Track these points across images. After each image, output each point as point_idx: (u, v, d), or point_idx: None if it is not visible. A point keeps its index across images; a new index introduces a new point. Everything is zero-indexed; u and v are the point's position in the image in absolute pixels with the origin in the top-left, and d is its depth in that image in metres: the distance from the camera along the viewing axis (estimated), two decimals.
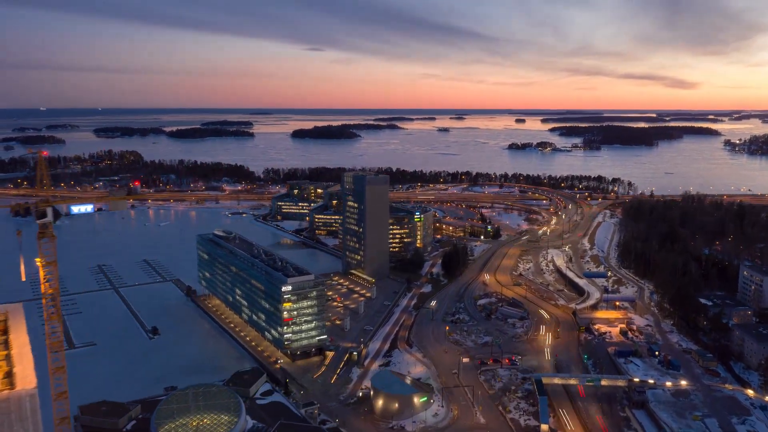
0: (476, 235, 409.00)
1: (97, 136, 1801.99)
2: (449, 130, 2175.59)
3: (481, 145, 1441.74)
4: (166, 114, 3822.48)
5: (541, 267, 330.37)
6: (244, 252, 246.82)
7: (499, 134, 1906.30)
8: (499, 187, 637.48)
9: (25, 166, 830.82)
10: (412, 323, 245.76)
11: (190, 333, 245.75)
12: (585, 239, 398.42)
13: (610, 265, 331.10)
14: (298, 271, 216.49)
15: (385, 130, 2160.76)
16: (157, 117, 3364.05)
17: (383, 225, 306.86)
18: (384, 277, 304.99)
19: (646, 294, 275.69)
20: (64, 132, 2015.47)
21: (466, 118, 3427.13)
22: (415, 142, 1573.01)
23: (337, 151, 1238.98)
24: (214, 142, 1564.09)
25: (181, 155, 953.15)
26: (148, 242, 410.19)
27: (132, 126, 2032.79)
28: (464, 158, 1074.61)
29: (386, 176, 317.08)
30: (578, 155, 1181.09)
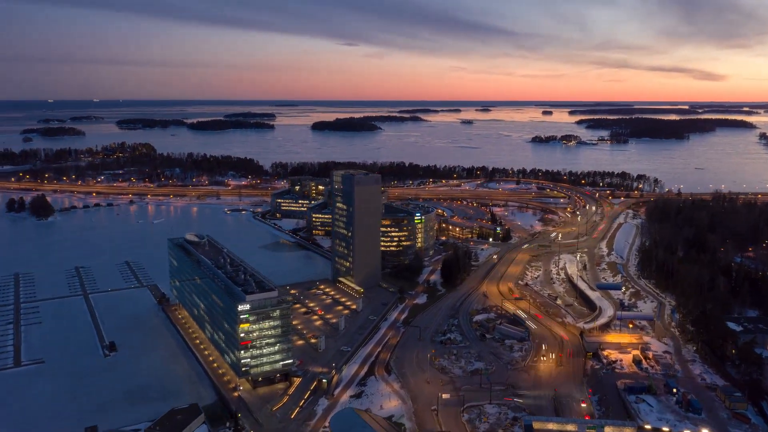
0: (485, 237, 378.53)
1: (119, 127, 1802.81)
2: (473, 122, 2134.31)
3: (504, 138, 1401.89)
4: (191, 106, 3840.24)
5: (551, 276, 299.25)
6: (210, 261, 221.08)
7: (523, 127, 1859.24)
8: (515, 184, 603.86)
9: (35, 158, 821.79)
10: (397, 343, 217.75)
11: (151, 350, 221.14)
12: (603, 243, 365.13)
13: (628, 275, 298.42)
14: (260, 286, 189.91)
15: (407, 123, 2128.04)
16: (182, 108, 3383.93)
17: (374, 229, 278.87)
18: (375, 286, 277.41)
19: (667, 311, 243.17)
20: (88, 124, 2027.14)
21: (492, 110, 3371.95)
22: (437, 134, 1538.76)
23: (354, 144, 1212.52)
24: (234, 134, 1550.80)
25: (195, 148, 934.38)
26: (136, 242, 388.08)
27: (155, 118, 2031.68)
28: (484, 152, 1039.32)
29: (378, 175, 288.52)
30: (604, 149, 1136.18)
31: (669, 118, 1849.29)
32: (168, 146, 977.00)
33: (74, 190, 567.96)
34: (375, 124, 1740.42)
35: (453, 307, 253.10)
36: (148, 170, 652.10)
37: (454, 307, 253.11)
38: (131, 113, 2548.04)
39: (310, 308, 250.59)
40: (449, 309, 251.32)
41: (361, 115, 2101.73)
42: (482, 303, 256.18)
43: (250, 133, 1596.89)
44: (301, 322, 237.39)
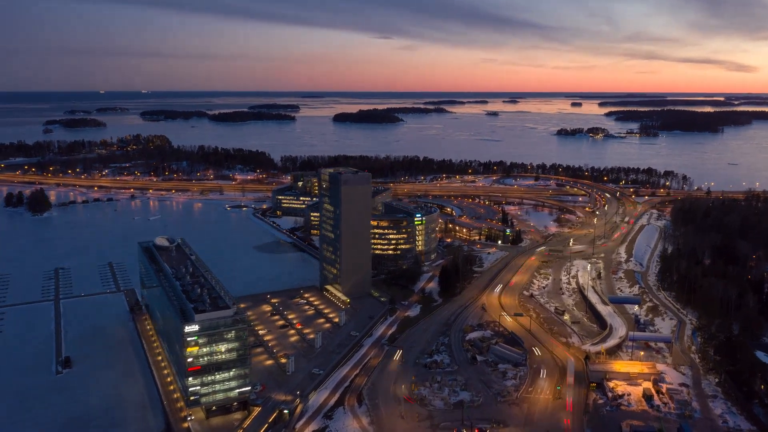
0: (493, 238, 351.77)
1: (143, 119, 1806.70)
2: (498, 114, 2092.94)
3: (529, 131, 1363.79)
4: (219, 97, 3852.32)
5: (560, 285, 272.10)
6: (172, 270, 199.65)
7: (550, 119, 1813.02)
8: (534, 180, 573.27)
9: (48, 150, 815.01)
10: (376, 365, 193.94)
11: (107, 367, 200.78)
12: (622, 247, 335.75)
13: (646, 285, 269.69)
14: (215, 304, 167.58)
15: (431, 114, 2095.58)
16: (209, 100, 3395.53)
17: (363, 233, 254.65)
18: (364, 296, 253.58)
19: (687, 331, 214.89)
20: (114, 115, 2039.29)
21: (520, 102, 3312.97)
22: (459, 126, 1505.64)
23: (373, 136, 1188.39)
24: (254, 125, 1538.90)
25: (210, 140, 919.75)
26: (126, 240, 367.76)
27: (179, 109, 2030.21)
28: (506, 145, 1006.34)
29: (367, 174, 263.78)
30: (633, 142, 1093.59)
31: (703, 110, 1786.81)
32: (184, 138, 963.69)
33: (76, 184, 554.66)
34: (397, 116, 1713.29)
35: (446, 322, 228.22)
36: (155, 163, 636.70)
37: (447, 322, 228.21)
38: (161, 104, 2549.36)
39: (288, 321, 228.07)
40: (441, 324, 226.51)
41: (385, 107, 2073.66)
42: (479, 318, 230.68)
43: (271, 124, 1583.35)
44: (276, 337, 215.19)
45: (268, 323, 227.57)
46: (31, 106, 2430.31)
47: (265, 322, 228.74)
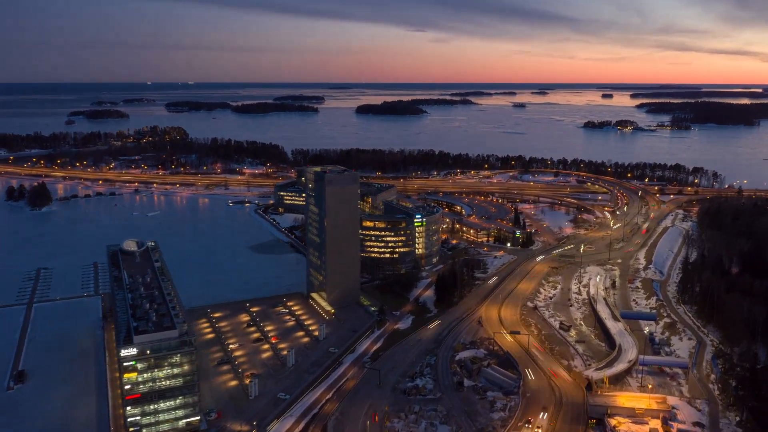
0: (503, 240, 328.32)
1: (168, 110, 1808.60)
2: (525, 105, 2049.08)
3: (555, 123, 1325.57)
4: (246, 88, 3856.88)
5: (569, 296, 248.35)
6: (129, 279, 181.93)
7: (578, 111, 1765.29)
8: (554, 176, 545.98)
9: (62, 142, 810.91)
10: (351, 389, 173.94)
11: (63, 382, 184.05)
12: (641, 252, 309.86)
13: (665, 298, 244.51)
14: (159, 324, 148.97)
15: (457, 106, 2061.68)
16: (236, 91, 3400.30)
17: (351, 238, 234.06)
18: (352, 305, 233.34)
19: (707, 355, 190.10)
20: (140, 106, 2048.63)
21: (549, 94, 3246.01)
22: (484, 118, 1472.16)
23: (394, 129, 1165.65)
24: (275, 117, 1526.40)
25: (227, 132, 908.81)
26: (118, 238, 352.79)
27: (208, 101, 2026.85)
28: (530, 138, 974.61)
29: (355, 173, 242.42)
30: (663, 136, 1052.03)
31: (740, 102, 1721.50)
32: (202, 130, 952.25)
33: (82, 177, 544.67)
34: (421, 108, 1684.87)
35: (437, 338, 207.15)
36: (164, 156, 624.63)
37: (438, 338, 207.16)
38: (190, 96, 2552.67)
39: (264, 334, 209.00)
40: (431, 340, 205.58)
41: (410, 98, 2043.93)
42: (473, 334, 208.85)
43: (293, 116, 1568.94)
44: (248, 352, 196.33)
45: (242, 335, 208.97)
46: (60, 98, 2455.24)
47: (239, 334, 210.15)
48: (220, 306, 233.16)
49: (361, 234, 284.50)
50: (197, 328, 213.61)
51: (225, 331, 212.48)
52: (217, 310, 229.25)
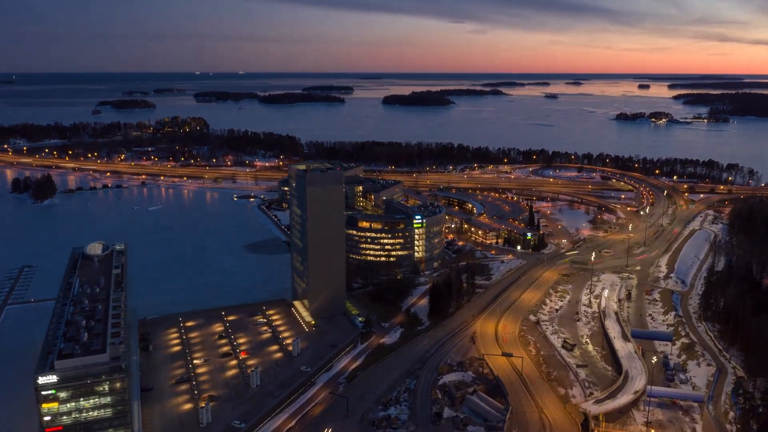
0: (513, 243, 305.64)
1: (196, 100, 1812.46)
2: (557, 96, 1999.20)
3: (586, 115, 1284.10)
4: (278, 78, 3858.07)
5: (578, 309, 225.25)
6: (79, 288, 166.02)
7: (612, 102, 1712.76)
8: (577, 171, 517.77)
9: (82, 132, 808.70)
10: (315, 417, 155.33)
11: (8, 399, 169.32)
12: (664, 258, 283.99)
13: (685, 313, 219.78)
14: (88, 345, 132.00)
15: (487, 96, 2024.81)
16: (267, 81, 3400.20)
17: (335, 243, 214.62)
18: (337, 315, 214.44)
19: (727, 387, 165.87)
20: (170, 96, 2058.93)
21: (583, 84, 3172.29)
22: (513, 109, 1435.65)
23: (418, 120, 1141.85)
24: (301, 107, 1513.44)
25: (248, 123, 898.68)
26: (113, 235, 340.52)
27: (235, 90, 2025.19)
28: (558, 130, 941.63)
29: (340, 172, 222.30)
30: (699, 128, 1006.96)
31: None
32: (224, 121, 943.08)
33: (91, 169, 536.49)
34: (449, 99, 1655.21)
35: (422, 356, 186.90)
36: (177, 148, 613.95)
37: (423, 356, 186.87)
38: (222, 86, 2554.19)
39: (234, 348, 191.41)
40: (416, 359, 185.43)
41: (438, 89, 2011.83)
42: (463, 352, 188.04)
43: (319, 107, 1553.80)
44: (213, 369, 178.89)
45: (210, 349, 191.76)
46: (92, 87, 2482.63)
47: (208, 347, 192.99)
48: (195, 314, 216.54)
49: (357, 235, 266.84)
50: (165, 339, 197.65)
51: (194, 343, 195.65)
52: (191, 319, 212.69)
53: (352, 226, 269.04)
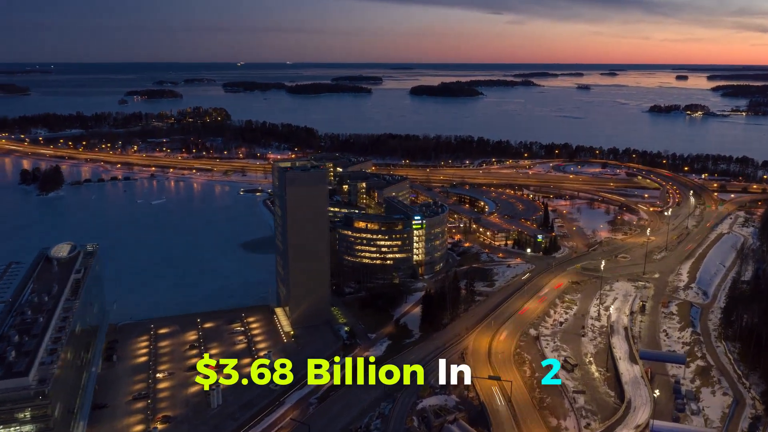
0: (523, 245, 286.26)
1: (224, 90, 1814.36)
2: (590, 87, 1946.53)
3: (618, 107, 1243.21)
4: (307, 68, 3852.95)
5: (585, 322, 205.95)
6: (28, 297, 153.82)
7: (647, 94, 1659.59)
8: (601, 167, 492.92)
9: (103, 122, 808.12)
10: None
11: None
12: (686, 265, 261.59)
13: (704, 330, 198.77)
14: (10, 367, 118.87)
15: (518, 87, 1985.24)
16: (298, 71, 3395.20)
17: (318, 247, 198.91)
18: (320, 325, 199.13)
19: (744, 423, 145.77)
20: (199, 86, 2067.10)
21: (619, 75, 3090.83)
22: (542, 101, 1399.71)
23: (443, 111, 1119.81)
24: (328, 98, 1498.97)
25: (268, 113, 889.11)
26: (110, 230, 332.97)
27: (263, 81, 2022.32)
28: (586, 123, 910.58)
29: (323, 171, 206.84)
30: (737, 122, 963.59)
31: None
32: (247, 112, 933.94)
33: (103, 160, 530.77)
34: (477, 90, 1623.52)
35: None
36: (192, 139, 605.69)
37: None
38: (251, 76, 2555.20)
39: (214, 363, 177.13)
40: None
41: (468, 79, 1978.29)
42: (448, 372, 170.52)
43: (346, 97, 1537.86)
44: (176, 384, 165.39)
45: (178, 361, 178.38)
46: (123, 77, 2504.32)
47: (176, 359, 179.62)
48: (170, 320, 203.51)
49: (352, 236, 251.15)
50: (132, 348, 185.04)
51: (162, 353, 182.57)
52: (165, 325, 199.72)
53: (347, 226, 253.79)
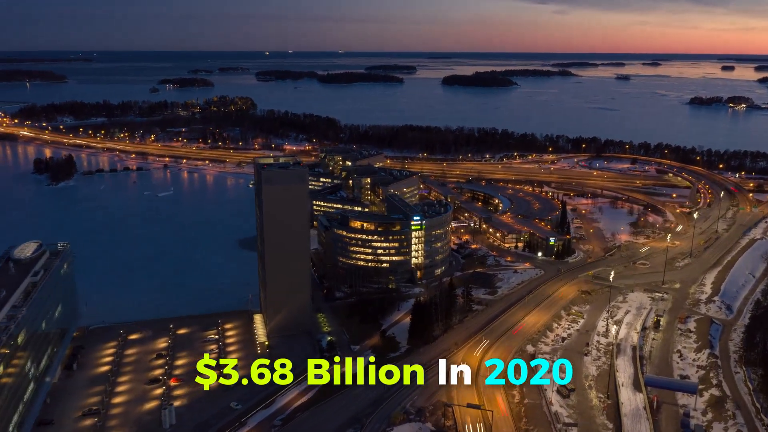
0: (534, 248, 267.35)
1: (257, 79, 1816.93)
2: (630, 78, 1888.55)
3: (658, 98, 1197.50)
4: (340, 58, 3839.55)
5: (591, 338, 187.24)
6: None
7: (690, 84, 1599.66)
8: (630, 163, 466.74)
9: (129, 111, 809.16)
10: None
11: None
12: (710, 274, 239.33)
13: (723, 352, 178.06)
14: None
15: (554, 78, 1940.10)
16: (332, 60, 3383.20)
17: (297, 250, 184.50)
18: (299, 334, 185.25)
19: None
20: (233, 75, 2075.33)
21: (662, 65, 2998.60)
22: (578, 92, 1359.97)
23: (473, 102, 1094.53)
24: (359, 87, 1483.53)
25: (296, 103, 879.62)
26: (107, 223, 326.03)
27: (293, 69, 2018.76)
28: (620, 115, 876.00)
29: (303, 169, 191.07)
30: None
31: None
32: (273, 101, 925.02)
33: (118, 150, 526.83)
34: (511, 80, 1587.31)
35: (380, 395, 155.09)
36: (210, 129, 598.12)
37: (381, 395, 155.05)
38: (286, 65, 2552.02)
39: (167, 372, 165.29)
40: (371, 399, 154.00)
41: (504, 69, 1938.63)
42: (428, 396, 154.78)
43: (377, 87, 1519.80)
44: (131, 399, 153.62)
45: (142, 371, 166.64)
46: (159, 65, 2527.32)
47: (139, 369, 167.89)
48: (143, 325, 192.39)
49: (347, 237, 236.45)
50: (96, 356, 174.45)
51: (127, 362, 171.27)
52: (136, 331, 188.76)
53: (343, 226, 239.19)
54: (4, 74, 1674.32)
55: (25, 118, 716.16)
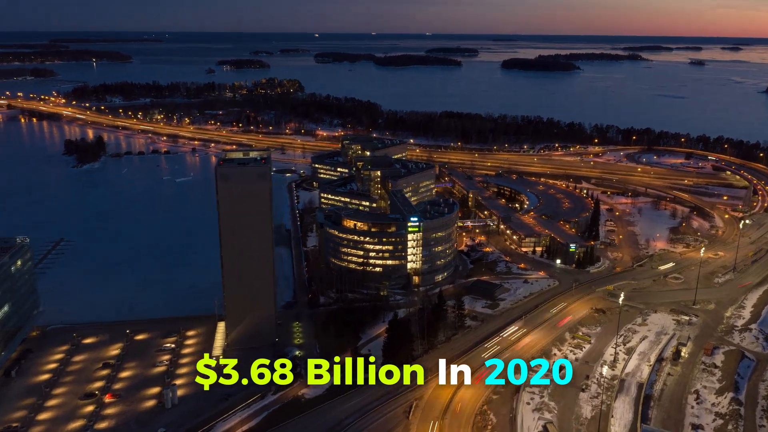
0: (553, 254, 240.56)
1: (315, 61, 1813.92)
2: (705, 63, 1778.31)
3: (732, 86, 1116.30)
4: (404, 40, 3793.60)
5: (593, 369, 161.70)
6: None
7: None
8: (684, 158, 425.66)
9: (176, 92, 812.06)
10: None
11: None
12: (752, 296, 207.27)
13: (750, 399, 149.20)
14: None
15: (623, 62, 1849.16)
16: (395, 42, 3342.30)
17: (259, 254, 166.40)
18: (264, 346, 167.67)
19: None
20: (293, 57, 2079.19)
21: (743, 50, 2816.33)
22: (645, 77, 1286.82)
23: (531, 87, 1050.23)
24: (416, 70, 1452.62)
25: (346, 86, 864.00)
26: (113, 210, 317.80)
27: (353, 52, 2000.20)
28: (687, 104, 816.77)
29: (265, 166, 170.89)
30: None
31: None
32: (322, 84, 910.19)
33: (150, 132, 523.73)
34: (574, 64, 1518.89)
35: (332, 428, 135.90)
36: (248, 112, 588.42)
37: (334, 429, 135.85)
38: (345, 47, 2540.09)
39: (109, 384, 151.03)
40: (335, 424, 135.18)
41: (568, 52, 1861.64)
42: (394, 423, 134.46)
43: (434, 70, 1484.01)
44: (56, 416, 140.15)
45: (82, 382, 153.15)
46: (223, 47, 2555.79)
47: (80, 380, 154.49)
48: (102, 327, 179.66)
49: (338, 236, 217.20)
50: (42, 361, 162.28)
51: (70, 370, 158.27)
52: (93, 334, 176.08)
53: (335, 225, 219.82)
54: (75, 53, 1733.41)
55: (77, 98, 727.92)
